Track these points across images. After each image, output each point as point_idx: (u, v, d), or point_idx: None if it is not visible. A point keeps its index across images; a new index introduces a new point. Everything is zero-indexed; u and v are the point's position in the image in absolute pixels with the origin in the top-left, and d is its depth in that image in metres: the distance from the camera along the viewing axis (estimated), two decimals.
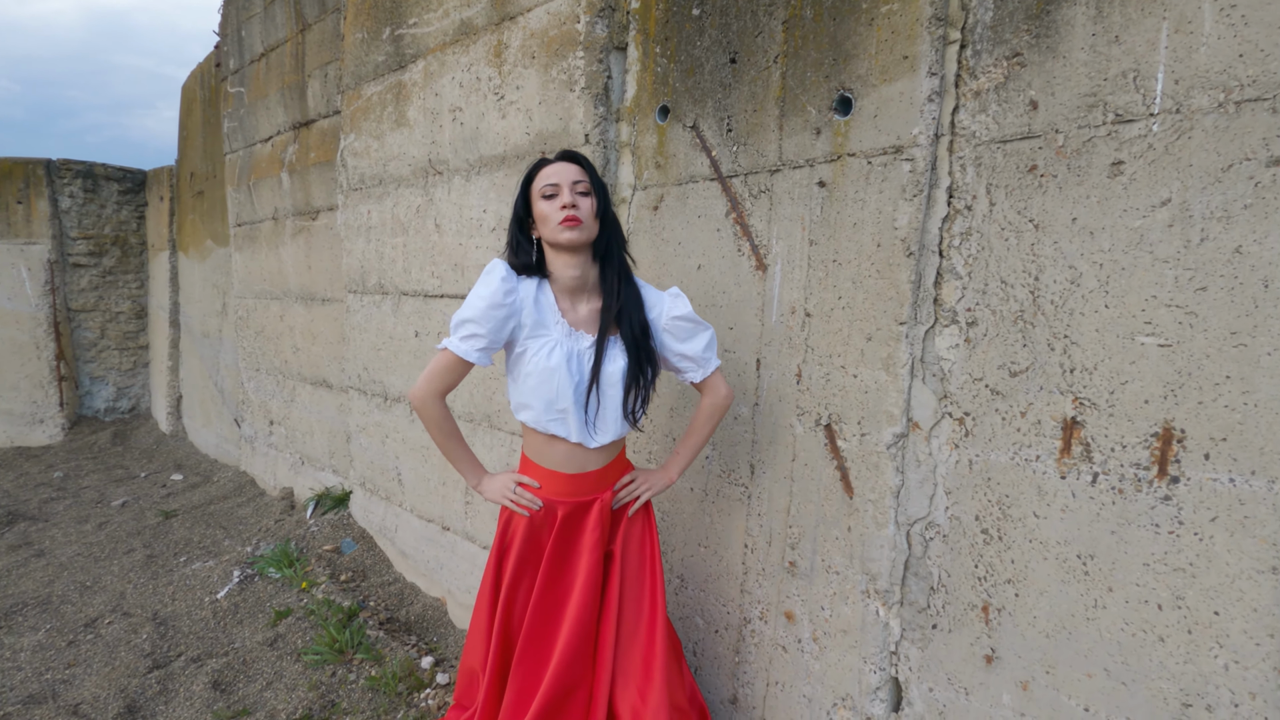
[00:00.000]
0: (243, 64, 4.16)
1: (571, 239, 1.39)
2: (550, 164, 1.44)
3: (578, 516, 1.50)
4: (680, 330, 1.48)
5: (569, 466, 1.48)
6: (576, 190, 1.40)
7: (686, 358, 1.50)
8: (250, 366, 4.52)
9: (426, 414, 1.46)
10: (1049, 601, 1.26)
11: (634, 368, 1.44)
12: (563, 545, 1.49)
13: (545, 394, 1.41)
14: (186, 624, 2.78)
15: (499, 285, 1.38)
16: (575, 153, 1.47)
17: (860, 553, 1.50)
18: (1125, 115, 1.19)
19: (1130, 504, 1.17)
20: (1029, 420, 1.29)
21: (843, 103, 1.54)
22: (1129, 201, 1.18)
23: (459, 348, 1.40)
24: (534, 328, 1.42)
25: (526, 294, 1.42)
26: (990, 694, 1.33)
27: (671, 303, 1.49)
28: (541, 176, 1.43)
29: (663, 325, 1.48)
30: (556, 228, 1.39)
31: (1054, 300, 1.26)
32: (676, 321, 1.47)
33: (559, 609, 1.47)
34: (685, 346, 1.49)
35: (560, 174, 1.41)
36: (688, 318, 1.48)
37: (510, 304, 1.39)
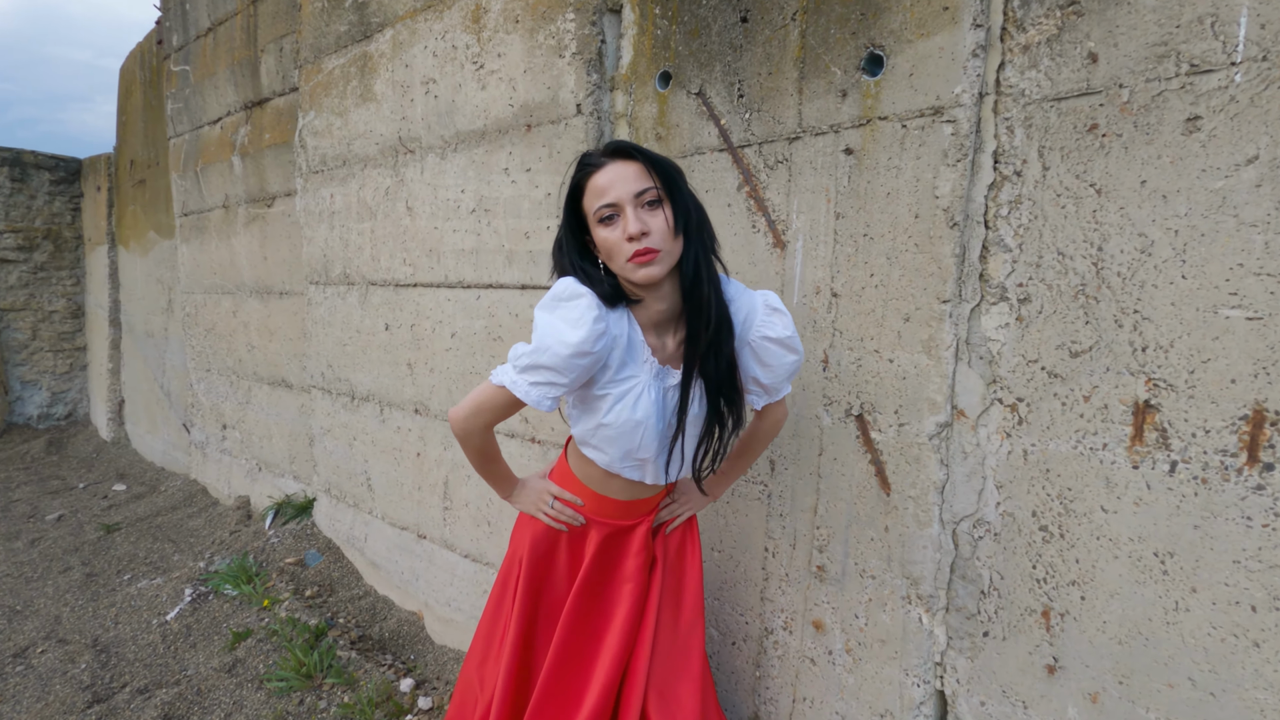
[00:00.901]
0: (187, 40, 3.86)
1: (648, 276, 1.06)
2: (600, 168, 1.08)
3: (619, 539, 1.31)
4: (767, 353, 1.17)
5: (623, 495, 1.27)
6: (643, 203, 1.05)
7: (760, 384, 1.21)
8: (200, 367, 4.21)
9: (471, 445, 1.23)
10: (1121, 604, 1.14)
11: (711, 417, 1.17)
12: (602, 570, 1.31)
13: (625, 445, 1.17)
14: (132, 650, 2.51)
15: (591, 329, 1.05)
16: (629, 145, 1.09)
17: (900, 554, 1.37)
18: (1202, 65, 1.07)
19: (1216, 495, 1.06)
20: (1094, 405, 1.17)
21: (872, 61, 1.40)
22: (1208, 160, 1.07)
23: (528, 394, 1.10)
24: (619, 369, 1.12)
25: (619, 332, 1.11)
26: (1053, 707, 1.21)
27: (765, 318, 1.16)
28: (592, 191, 1.08)
29: (747, 339, 1.17)
30: (627, 265, 1.06)
31: (1121, 272, 1.14)
32: (766, 343, 1.17)
33: (596, 640, 1.29)
34: (764, 372, 1.19)
35: (618, 185, 1.05)
36: (783, 342, 1.17)
37: (600, 351, 1.08)
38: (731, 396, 1.18)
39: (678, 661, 1.31)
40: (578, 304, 1.07)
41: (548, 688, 1.27)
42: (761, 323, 1.16)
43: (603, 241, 1.09)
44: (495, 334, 2.17)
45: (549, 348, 1.06)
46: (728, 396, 1.18)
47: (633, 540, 1.30)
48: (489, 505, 2.27)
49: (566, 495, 1.30)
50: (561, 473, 1.33)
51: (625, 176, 1.06)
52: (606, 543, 1.30)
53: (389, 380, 2.62)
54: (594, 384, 1.14)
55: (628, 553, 1.30)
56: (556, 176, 1.95)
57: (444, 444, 2.42)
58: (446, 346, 2.35)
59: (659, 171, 1.07)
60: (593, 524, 1.30)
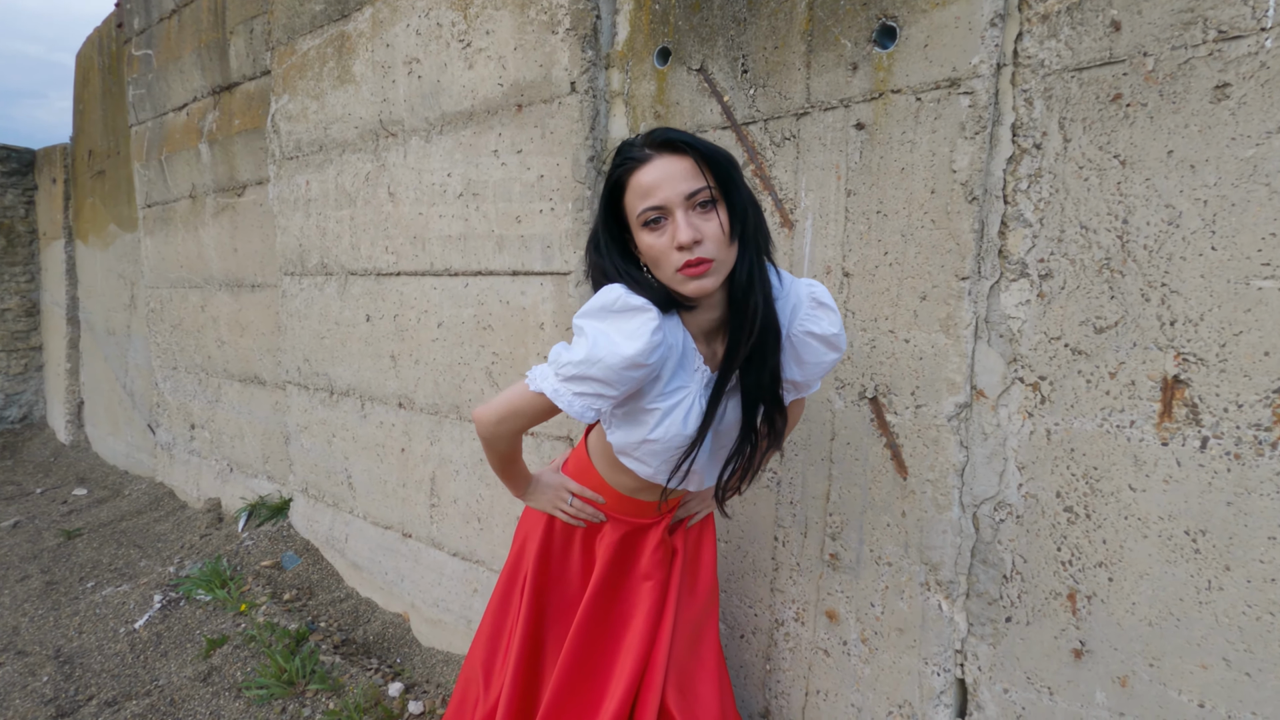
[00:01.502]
0: (150, 22, 3.69)
1: (700, 289, 0.94)
2: (645, 163, 0.94)
3: (637, 535, 1.24)
4: (807, 349, 1.06)
5: (649, 496, 1.20)
6: (694, 205, 0.93)
7: (792, 381, 1.09)
8: (166, 365, 4.04)
9: (495, 448, 1.14)
10: (1151, 585, 1.11)
11: (744, 434, 1.06)
12: (619, 568, 1.24)
13: (666, 458, 1.08)
14: (98, 660, 2.38)
15: (649, 341, 0.94)
16: (678, 137, 0.94)
17: (918, 540, 1.33)
18: (1230, 31, 1.04)
19: (1250, 470, 1.03)
20: (1120, 381, 1.14)
21: (885, 32, 1.36)
22: (1238, 129, 1.04)
23: (570, 405, 0.99)
24: (670, 380, 1.02)
25: (674, 342, 1.01)
26: (1080, 692, 1.18)
27: (811, 312, 1.05)
28: (636, 190, 0.94)
29: (790, 333, 1.06)
30: (676, 276, 0.95)
31: (1147, 245, 1.12)
32: (809, 339, 1.05)
33: (614, 640, 1.22)
34: (799, 369, 1.08)
35: (665, 185, 0.92)
36: (828, 339, 1.06)
37: (655, 363, 0.97)
38: (772, 411, 1.06)
39: (695, 654, 1.25)
40: (637, 317, 0.95)
41: (564, 688, 1.20)
42: (806, 316, 1.05)
43: (648, 248, 0.96)
44: (485, 323, 2.09)
45: (600, 359, 0.94)
46: (768, 410, 1.06)
47: (650, 536, 1.24)
48: (479, 501, 2.19)
49: (587, 493, 1.22)
50: (580, 467, 1.24)
51: (674, 174, 0.92)
52: (624, 540, 1.23)
53: (371, 374, 2.52)
54: (643, 396, 1.03)
55: (645, 549, 1.23)
56: (550, 158, 1.88)
57: (430, 439, 2.33)
58: (433, 337, 2.26)
59: (713, 168, 0.93)
60: (610, 521, 1.23)
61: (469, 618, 2.24)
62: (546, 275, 1.92)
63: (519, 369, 2.02)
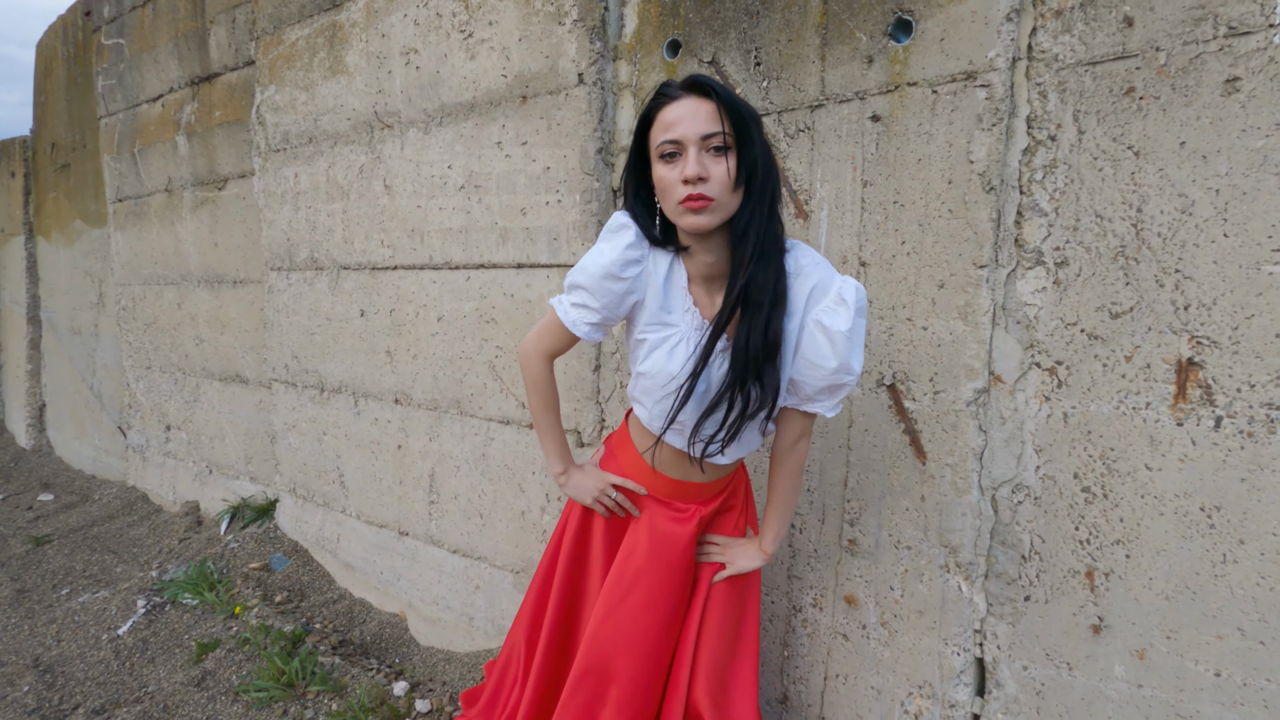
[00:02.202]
0: (122, 10, 3.57)
1: (695, 224, 0.99)
2: (674, 100, 0.99)
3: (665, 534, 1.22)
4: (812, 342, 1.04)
5: (674, 471, 1.21)
6: (709, 147, 0.97)
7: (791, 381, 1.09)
8: (139, 364, 3.91)
9: (527, 372, 1.22)
10: (1168, 561, 1.15)
11: (731, 389, 1.04)
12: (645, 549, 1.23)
13: (661, 399, 1.10)
14: (80, 668, 2.29)
15: (621, 254, 1.05)
16: (708, 82, 0.98)
17: (937, 523, 1.36)
18: (1240, 27, 1.09)
19: (1263, 447, 1.08)
20: (1136, 365, 1.18)
21: (900, 26, 1.39)
22: (1248, 120, 1.09)
23: (566, 315, 1.12)
24: (657, 313, 1.08)
25: (656, 270, 1.08)
26: (1099, 667, 1.22)
27: (830, 304, 1.04)
28: (660, 124, 1.00)
29: (805, 319, 1.05)
30: (676, 208, 1.00)
31: (1161, 233, 1.16)
32: (816, 330, 1.04)
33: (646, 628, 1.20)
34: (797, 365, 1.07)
35: (685, 123, 0.97)
36: (832, 335, 1.03)
37: (631, 279, 1.06)
38: (762, 373, 1.03)
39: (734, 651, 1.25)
40: (620, 234, 1.08)
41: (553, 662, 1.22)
42: (824, 308, 1.04)
43: (659, 179, 1.02)
44: (488, 316, 2.08)
45: (585, 267, 1.09)
46: (757, 371, 1.03)
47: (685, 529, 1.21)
48: (481, 497, 2.17)
49: (629, 485, 1.22)
50: (619, 439, 1.28)
51: (696, 115, 0.97)
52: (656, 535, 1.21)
53: (365, 369, 2.48)
54: (634, 326, 1.13)
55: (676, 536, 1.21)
56: (556, 150, 1.87)
57: (429, 435, 2.30)
58: (432, 331, 2.23)
59: (733, 116, 0.97)
60: (643, 505, 1.24)
61: (470, 615, 2.22)
62: (553, 268, 1.91)
63: None
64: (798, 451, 1.18)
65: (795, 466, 1.19)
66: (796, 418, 1.15)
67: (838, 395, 1.09)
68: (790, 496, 1.21)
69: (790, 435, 1.16)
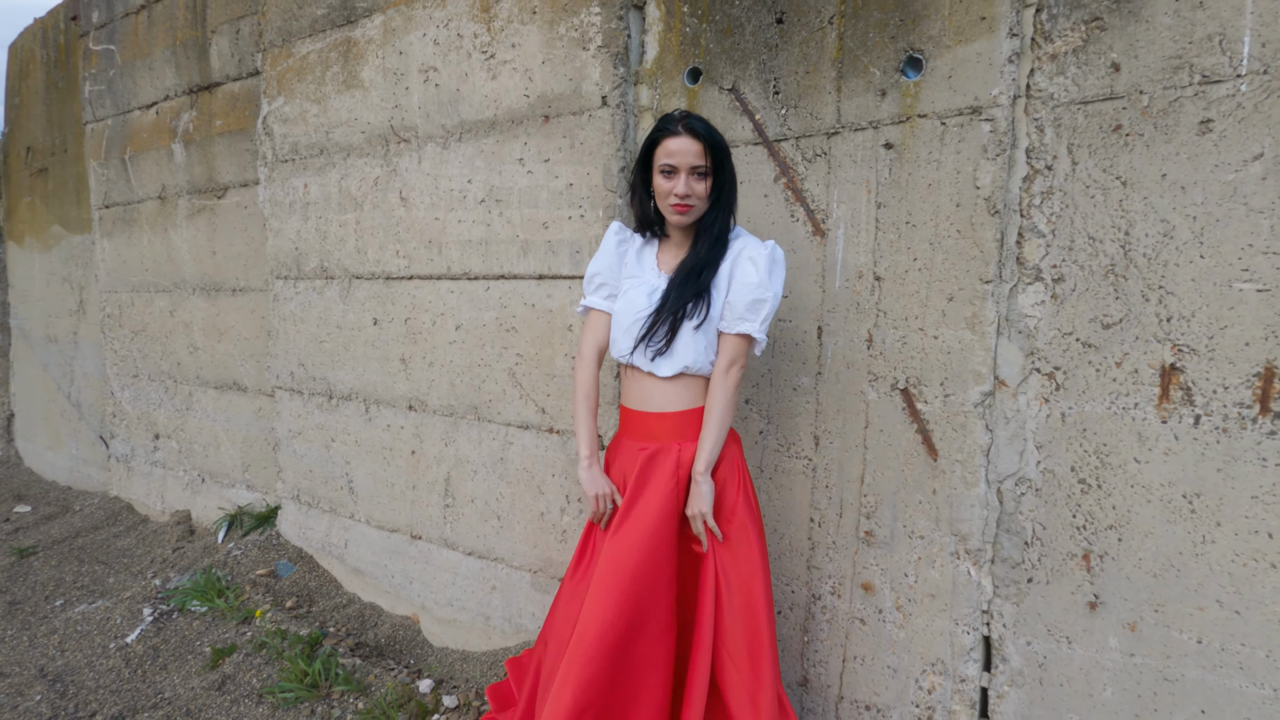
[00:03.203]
0: (113, 17, 3.55)
1: (680, 221, 1.45)
2: (676, 136, 1.40)
3: (655, 464, 1.44)
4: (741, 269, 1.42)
5: (637, 403, 1.49)
6: (695, 174, 1.41)
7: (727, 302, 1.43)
8: (125, 372, 3.86)
9: (577, 373, 1.53)
10: (1155, 542, 1.31)
11: (670, 298, 1.42)
12: (639, 488, 1.43)
13: (624, 321, 1.47)
14: (90, 677, 2.29)
15: (613, 238, 1.55)
16: (699, 124, 1.40)
17: (948, 514, 1.49)
18: (1212, 76, 1.25)
19: (1235, 441, 1.24)
20: (1125, 370, 1.33)
21: (911, 63, 1.53)
22: (1220, 157, 1.25)
23: (592, 300, 1.55)
24: (631, 268, 1.52)
25: (634, 247, 1.55)
26: (1095, 639, 1.36)
27: (755, 249, 1.43)
28: (663, 150, 1.42)
29: (736, 260, 1.44)
30: (669, 208, 1.45)
31: (1146, 253, 1.32)
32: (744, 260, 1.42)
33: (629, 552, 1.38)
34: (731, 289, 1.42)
35: (683, 153, 1.39)
36: (755, 261, 1.41)
37: (621, 252, 1.54)
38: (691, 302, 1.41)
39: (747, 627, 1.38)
40: (609, 230, 1.57)
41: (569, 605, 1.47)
42: (751, 250, 1.43)
43: (658, 186, 1.45)
44: (508, 325, 2.16)
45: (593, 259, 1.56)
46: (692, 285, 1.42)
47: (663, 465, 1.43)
48: (499, 500, 2.25)
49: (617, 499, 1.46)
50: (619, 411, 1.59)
51: (688, 151, 1.39)
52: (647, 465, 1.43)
53: (377, 377, 2.53)
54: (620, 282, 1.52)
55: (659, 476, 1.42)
56: (580, 167, 1.97)
57: (445, 440, 2.37)
58: (450, 339, 2.30)
59: (713, 153, 1.41)
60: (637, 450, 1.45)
61: (487, 615, 2.29)
62: (575, 279, 2.01)
63: (544, 370, 2.09)
64: (730, 377, 1.43)
65: (727, 390, 1.42)
66: (730, 342, 1.42)
67: (760, 312, 1.40)
68: (720, 418, 1.42)
69: (724, 360, 1.43)
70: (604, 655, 1.29)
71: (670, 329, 1.40)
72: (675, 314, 1.40)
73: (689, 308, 1.40)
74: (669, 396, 1.45)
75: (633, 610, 1.31)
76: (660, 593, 1.35)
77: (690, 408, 1.45)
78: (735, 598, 1.37)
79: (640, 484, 1.43)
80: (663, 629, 1.34)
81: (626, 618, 1.30)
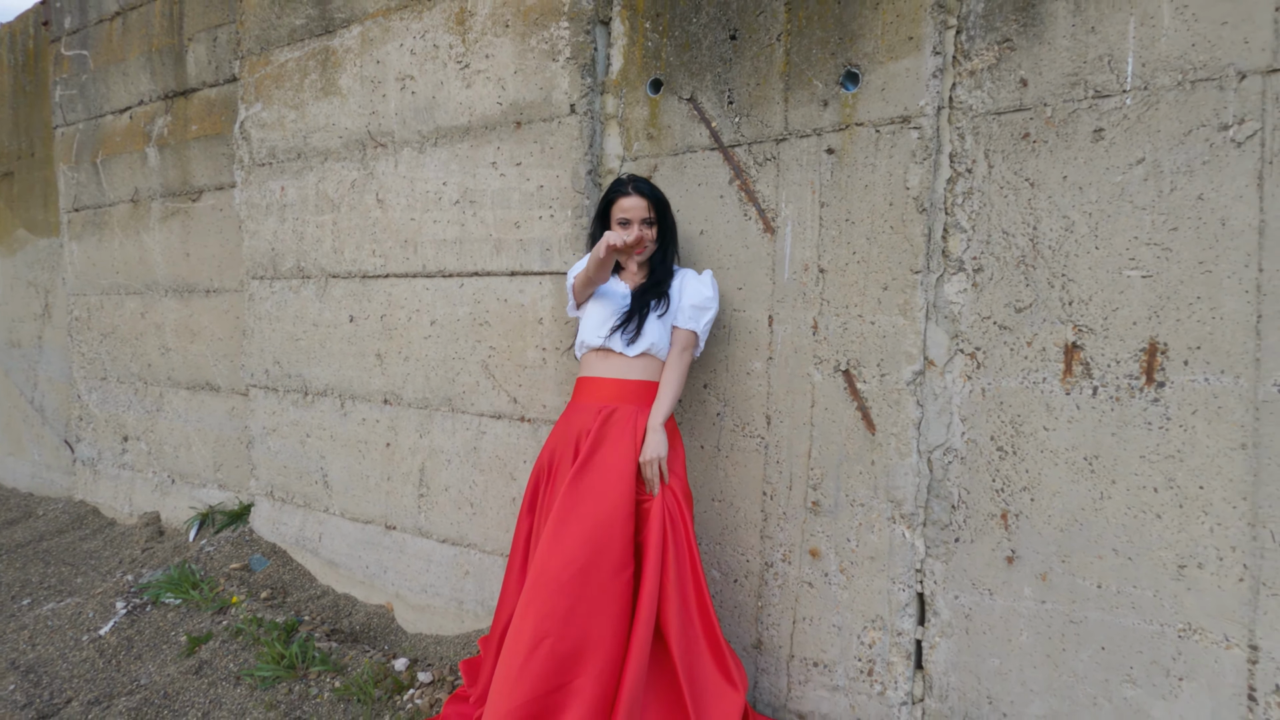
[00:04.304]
0: (86, 23, 3.60)
1: (635, 260, 1.79)
2: (628, 196, 1.75)
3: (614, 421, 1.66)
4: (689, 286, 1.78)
5: (602, 372, 1.74)
6: (644, 223, 1.74)
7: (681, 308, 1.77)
8: (93, 375, 3.86)
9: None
10: (1061, 501, 1.47)
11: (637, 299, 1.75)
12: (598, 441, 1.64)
13: (594, 321, 1.76)
14: (64, 668, 2.31)
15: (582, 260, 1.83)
16: (644, 185, 1.77)
17: (885, 483, 1.65)
18: (1103, 91, 1.44)
19: (1126, 409, 1.41)
20: (1035, 349, 1.51)
21: (849, 77, 1.70)
22: (1110, 161, 1.44)
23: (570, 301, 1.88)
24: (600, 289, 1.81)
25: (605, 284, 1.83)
26: (1013, 590, 1.52)
27: (697, 274, 1.80)
28: (619, 208, 1.76)
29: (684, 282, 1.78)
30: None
31: (1051, 245, 1.49)
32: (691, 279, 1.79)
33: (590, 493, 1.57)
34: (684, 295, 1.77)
35: (634, 209, 1.74)
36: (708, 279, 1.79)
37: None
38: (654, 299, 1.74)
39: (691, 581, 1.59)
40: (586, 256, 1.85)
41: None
42: (694, 275, 1.80)
43: None
44: (482, 319, 2.27)
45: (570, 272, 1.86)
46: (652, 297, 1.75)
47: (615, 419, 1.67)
48: (472, 487, 2.35)
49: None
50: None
51: (638, 207, 1.75)
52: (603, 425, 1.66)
53: (353, 372, 2.61)
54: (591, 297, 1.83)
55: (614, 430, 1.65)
56: (550, 170, 2.11)
57: (419, 432, 2.46)
58: (425, 335, 2.41)
59: (657, 207, 1.77)
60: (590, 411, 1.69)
61: (460, 599, 2.37)
62: (546, 275, 2.14)
63: (517, 361, 2.21)
64: (682, 358, 1.74)
65: (679, 366, 1.73)
66: (681, 334, 1.75)
67: (703, 317, 1.74)
68: (674, 385, 1.71)
69: (677, 347, 1.74)
70: (565, 587, 1.45)
71: (640, 318, 1.71)
72: (643, 307, 1.72)
73: (653, 303, 1.74)
74: (633, 369, 1.72)
75: (593, 545, 1.46)
76: (617, 531, 1.52)
77: (648, 380, 1.71)
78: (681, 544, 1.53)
79: (599, 438, 1.62)
80: (620, 564, 1.49)
81: (587, 552, 1.47)
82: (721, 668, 1.52)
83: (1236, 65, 1.32)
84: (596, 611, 1.46)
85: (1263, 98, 1.30)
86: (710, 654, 1.52)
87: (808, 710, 1.75)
